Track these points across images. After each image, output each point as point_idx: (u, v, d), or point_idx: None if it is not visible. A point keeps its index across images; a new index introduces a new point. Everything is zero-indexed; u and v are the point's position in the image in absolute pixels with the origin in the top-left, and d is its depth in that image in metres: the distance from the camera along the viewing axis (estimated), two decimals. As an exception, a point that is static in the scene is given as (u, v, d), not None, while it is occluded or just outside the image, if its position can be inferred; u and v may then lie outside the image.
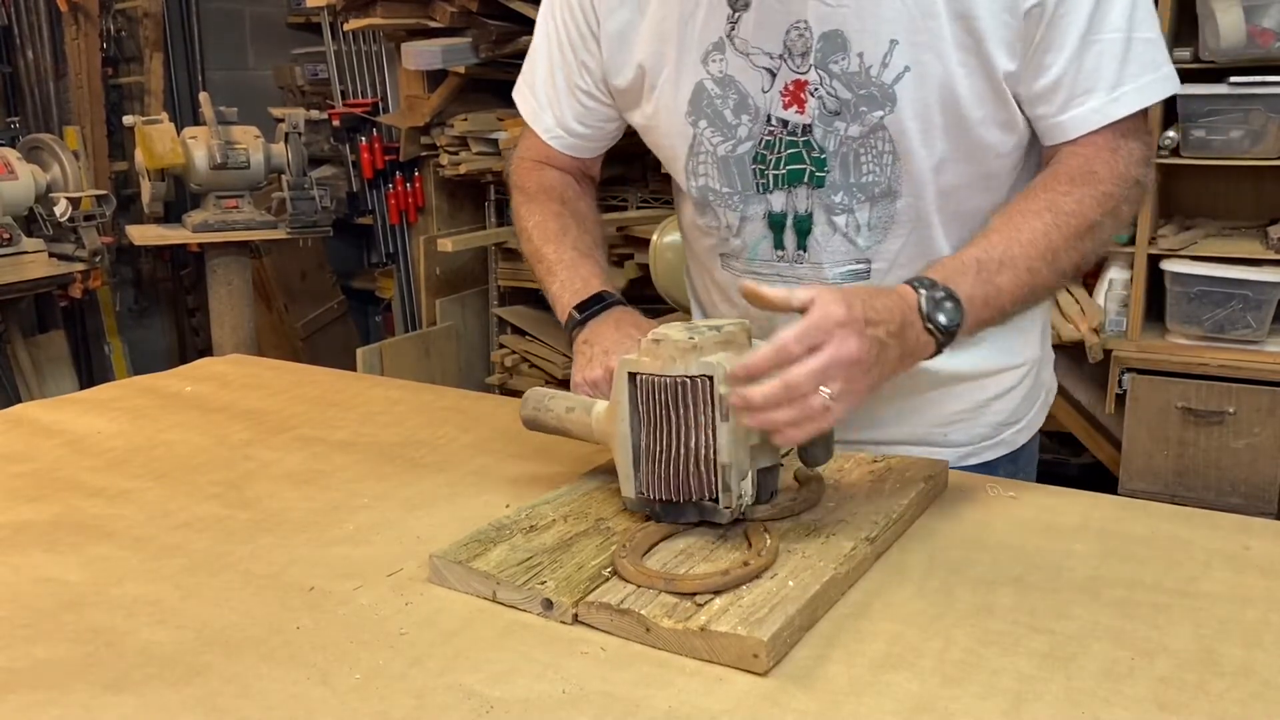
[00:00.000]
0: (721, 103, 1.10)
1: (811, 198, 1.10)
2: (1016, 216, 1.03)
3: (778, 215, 1.12)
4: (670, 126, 1.15)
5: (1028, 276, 1.00)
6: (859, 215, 1.10)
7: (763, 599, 0.80)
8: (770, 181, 1.11)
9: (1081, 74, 1.02)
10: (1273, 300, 2.59)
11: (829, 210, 1.10)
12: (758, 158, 1.10)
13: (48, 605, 0.87)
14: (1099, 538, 0.96)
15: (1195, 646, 0.78)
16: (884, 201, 1.09)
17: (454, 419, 1.34)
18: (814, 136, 1.07)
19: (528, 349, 3.54)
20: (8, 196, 3.13)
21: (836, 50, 1.03)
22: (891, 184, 1.08)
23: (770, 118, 1.08)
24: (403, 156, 3.65)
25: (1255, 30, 2.49)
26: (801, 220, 1.11)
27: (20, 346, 3.44)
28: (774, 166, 1.10)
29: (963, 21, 1.00)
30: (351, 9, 3.45)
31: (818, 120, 1.07)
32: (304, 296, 4.26)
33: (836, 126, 1.06)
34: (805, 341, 0.85)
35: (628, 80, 1.17)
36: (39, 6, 3.80)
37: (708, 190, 1.15)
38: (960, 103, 1.03)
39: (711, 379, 0.88)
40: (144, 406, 1.41)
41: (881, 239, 1.11)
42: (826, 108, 1.06)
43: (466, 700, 0.72)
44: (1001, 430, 1.23)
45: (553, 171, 1.31)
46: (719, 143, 1.12)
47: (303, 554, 0.96)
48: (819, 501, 0.98)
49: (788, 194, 1.11)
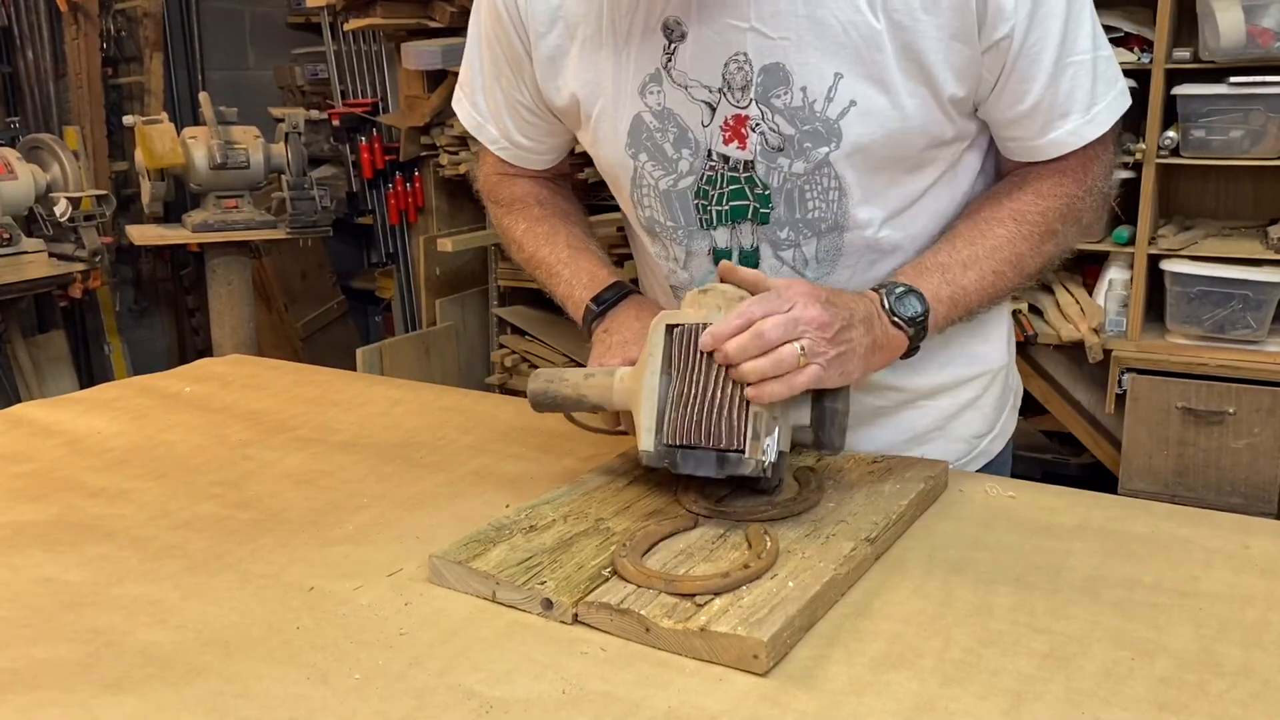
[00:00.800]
0: (661, 136, 1.06)
1: (756, 233, 1.07)
2: (981, 224, 1.05)
3: (722, 250, 1.09)
4: (611, 157, 1.10)
5: (993, 279, 1.04)
6: (805, 249, 1.07)
7: (763, 600, 0.80)
8: (714, 217, 1.07)
9: (1058, 98, 1.02)
10: (1273, 300, 2.59)
11: (775, 245, 1.07)
12: (700, 193, 1.07)
13: (48, 605, 0.87)
14: (1099, 538, 0.96)
15: (1195, 646, 0.78)
16: (831, 235, 1.06)
17: (454, 419, 1.34)
18: (756, 173, 1.04)
19: (528, 349, 3.54)
20: (8, 196, 3.13)
21: (778, 84, 1.00)
22: (838, 219, 1.05)
23: (711, 153, 1.05)
24: (403, 156, 3.65)
25: (1255, 30, 2.49)
26: (747, 256, 1.08)
27: (20, 346, 3.44)
28: (716, 202, 1.06)
29: (908, 52, 0.98)
30: (351, 9, 3.45)
31: (760, 156, 1.03)
32: (304, 296, 4.26)
33: (780, 163, 1.03)
34: (767, 304, 0.90)
35: (562, 103, 1.12)
36: (39, 6, 3.80)
37: (654, 222, 1.12)
38: (909, 133, 1.01)
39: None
40: (144, 406, 1.41)
41: (830, 270, 1.08)
42: (769, 143, 1.02)
43: (466, 700, 0.72)
44: (976, 442, 1.22)
45: (522, 180, 1.27)
46: (660, 176, 1.08)
47: (302, 554, 0.96)
48: (819, 502, 0.98)
49: (732, 229, 1.08)
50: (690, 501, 0.98)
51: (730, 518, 0.95)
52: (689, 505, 0.98)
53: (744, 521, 0.94)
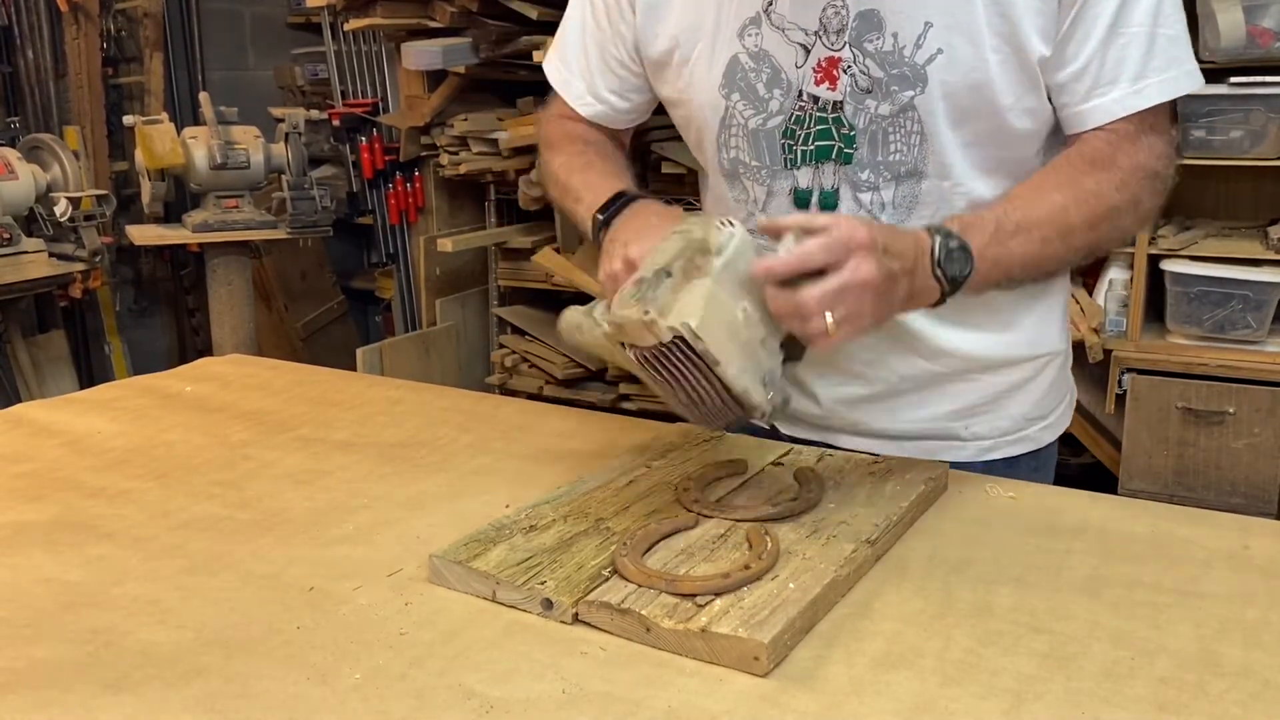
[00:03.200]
0: (755, 76, 1.11)
1: (838, 174, 1.11)
2: (1037, 189, 1.05)
3: (803, 191, 1.13)
4: (703, 99, 1.15)
5: (1039, 246, 1.03)
6: (884, 194, 1.11)
7: (763, 601, 0.80)
8: (798, 157, 1.12)
9: (1106, 65, 1.04)
10: (1273, 300, 2.59)
11: (855, 187, 1.11)
12: (787, 132, 1.11)
13: (48, 605, 0.87)
14: (1099, 538, 0.96)
15: (1195, 646, 0.78)
16: (909, 181, 1.10)
17: (454, 419, 1.34)
18: (844, 113, 1.09)
19: (528, 349, 3.53)
20: (8, 196, 3.12)
21: (871, 29, 1.05)
22: (918, 164, 1.09)
23: (802, 93, 1.10)
24: (403, 156, 3.65)
25: (1255, 30, 2.49)
26: (826, 196, 1.12)
27: (20, 346, 3.44)
28: (803, 142, 1.11)
29: (998, 7, 1.02)
30: (351, 9, 3.45)
31: (849, 97, 1.08)
32: (304, 296, 4.26)
33: (867, 104, 1.08)
34: (828, 253, 0.89)
35: (660, 51, 1.18)
36: (39, 6, 3.80)
37: (738, 163, 1.16)
38: (991, 87, 1.05)
39: (683, 338, 0.88)
40: (144, 406, 1.41)
41: (905, 218, 1.11)
42: (858, 85, 1.07)
43: (466, 700, 0.72)
44: (1025, 425, 1.22)
45: (580, 124, 1.30)
46: (750, 116, 1.13)
47: (302, 554, 0.96)
48: (819, 503, 0.98)
49: (815, 170, 1.12)
50: (690, 501, 0.98)
51: (731, 518, 0.95)
52: (689, 505, 0.98)
53: (744, 522, 0.94)
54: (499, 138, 3.33)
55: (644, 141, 3.25)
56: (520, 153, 3.29)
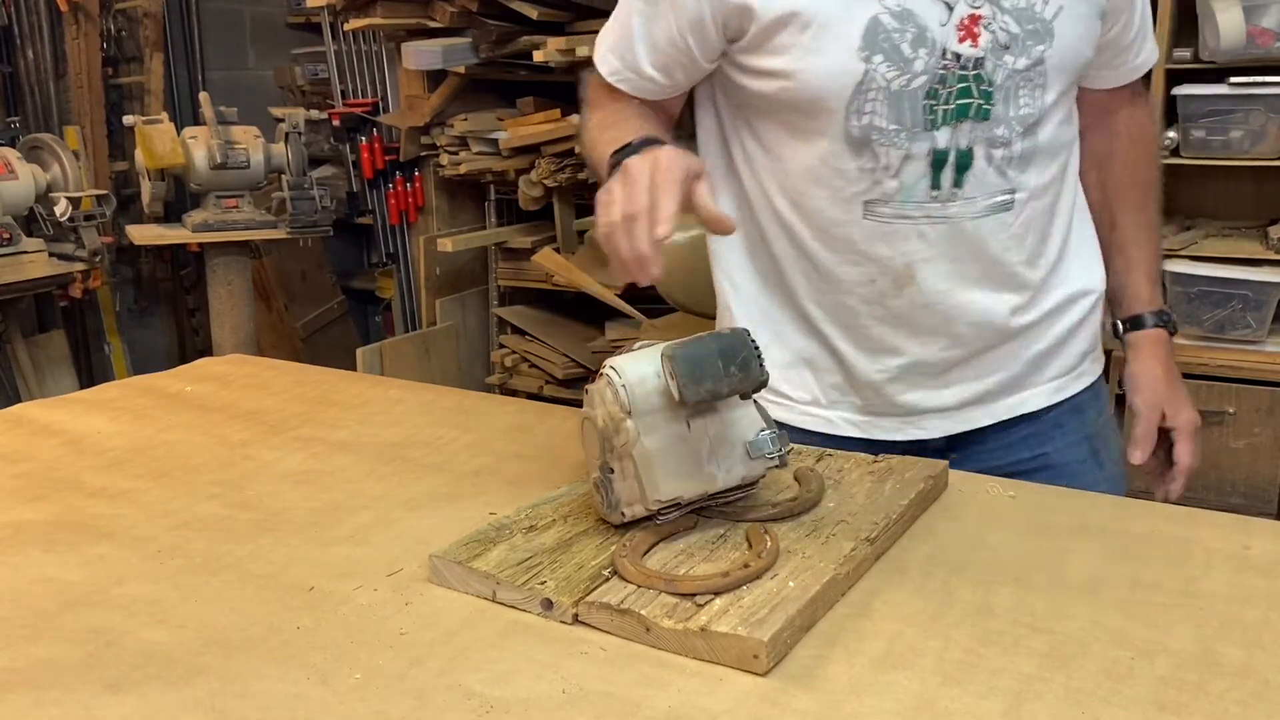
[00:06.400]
0: (899, 36, 1.09)
1: (975, 132, 1.12)
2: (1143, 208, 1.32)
3: (941, 152, 1.12)
4: (831, 63, 1.10)
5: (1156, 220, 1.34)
6: (1014, 147, 1.14)
7: (763, 599, 0.80)
8: (939, 117, 1.12)
9: (1137, 21, 1.22)
10: (1273, 300, 2.59)
11: (989, 144, 1.13)
12: (930, 93, 1.10)
13: (48, 605, 0.87)
14: (1099, 538, 0.96)
15: (1195, 646, 0.78)
16: (1030, 135, 1.15)
17: (454, 419, 1.34)
18: (984, 70, 1.10)
19: (528, 349, 3.53)
20: (8, 196, 3.12)
21: None
22: (1040, 116, 1.14)
23: (945, 51, 1.10)
24: (403, 156, 3.65)
25: (1255, 30, 2.49)
26: (963, 155, 1.13)
27: (20, 346, 3.44)
28: (944, 101, 1.11)
29: None
30: (351, 9, 3.45)
31: (989, 54, 1.10)
32: (304, 296, 4.26)
33: (1005, 60, 1.10)
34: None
35: (774, 15, 1.10)
36: (39, 6, 3.80)
37: (871, 129, 1.12)
38: (1088, 40, 1.16)
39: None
40: (144, 406, 1.41)
41: (1025, 169, 1.15)
42: (998, 41, 1.10)
43: (466, 700, 0.72)
44: (1083, 361, 1.29)
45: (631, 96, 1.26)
46: (894, 77, 1.10)
47: (302, 554, 0.96)
48: (819, 502, 0.98)
49: (953, 130, 1.12)
50: (690, 501, 0.98)
51: (730, 517, 0.95)
52: (689, 505, 0.98)
53: (744, 521, 0.94)
54: (499, 138, 3.33)
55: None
56: (520, 153, 3.29)
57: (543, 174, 3.23)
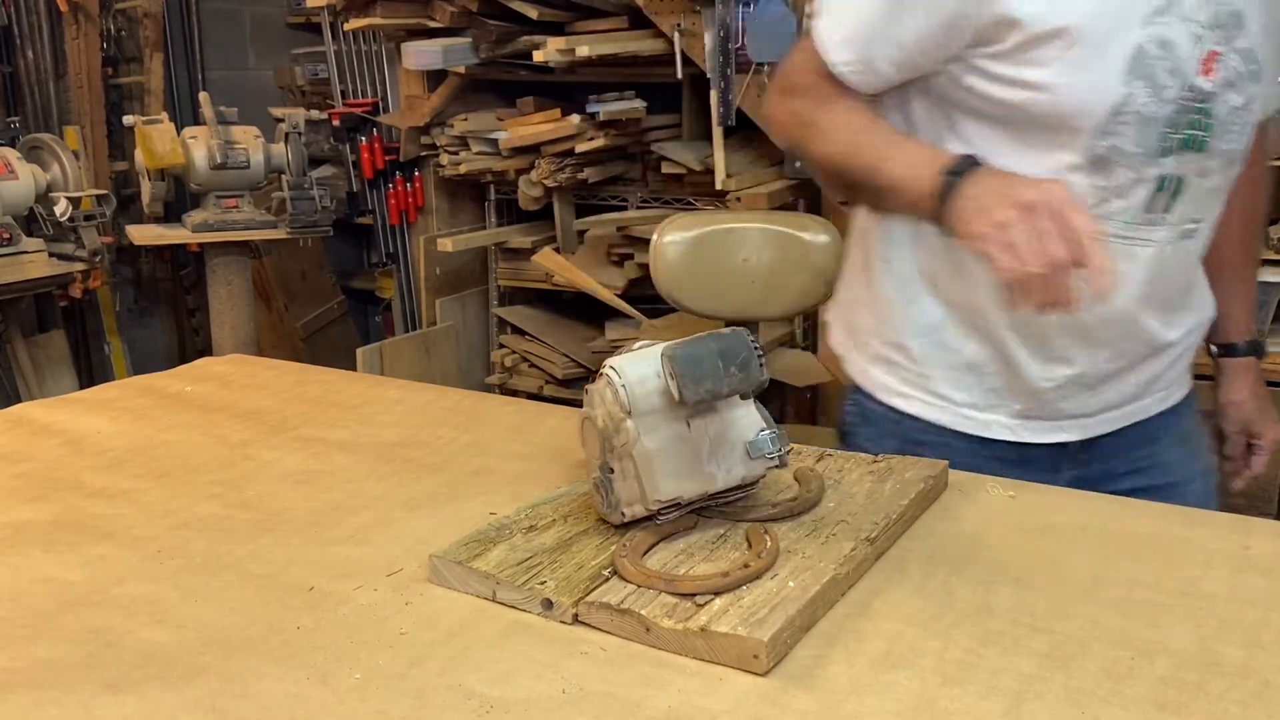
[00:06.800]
0: (1159, 65, 1.13)
1: (1192, 162, 1.17)
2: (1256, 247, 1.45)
3: (1164, 179, 1.17)
4: (1093, 82, 1.12)
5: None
6: (1215, 179, 1.20)
7: (763, 599, 0.80)
8: (1172, 145, 1.15)
9: None
10: (1273, 300, 2.59)
11: (1201, 174, 1.18)
12: (1170, 121, 1.15)
13: (48, 605, 0.87)
14: (1099, 538, 0.96)
15: (1195, 646, 0.78)
16: (1232, 168, 1.21)
17: (454, 419, 1.34)
18: (1212, 104, 1.15)
19: (528, 349, 3.53)
20: (8, 196, 3.12)
21: (1238, 28, 1.15)
22: (1242, 153, 1.21)
23: (1190, 84, 1.14)
24: (403, 156, 3.65)
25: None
26: (1178, 184, 1.18)
27: (20, 346, 3.44)
28: (1178, 130, 1.15)
29: None
30: (351, 9, 3.45)
31: (1219, 90, 1.14)
32: (304, 296, 4.26)
33: (1229, 97, 1.15)
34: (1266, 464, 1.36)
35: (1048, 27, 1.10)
36: (39, 6, 3.80)
37: (1116, 150, 1.15)
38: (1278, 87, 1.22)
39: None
40: (144, 406, 1.41)
41: (1215, 201, 1.23)
42: (1227, 79, 1.14)
43: (466, 700, 0.72)
44: (1188, 378, 1.37)
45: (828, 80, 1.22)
46: (1147, 103, 1.14)
47: (302, 554, 0.96)
48: (819, 502, 0.98)
49: (1178, 158, 1.16)
50: (690, 501, 0.98)
51: (730, 517, 0.95)
52: (689, 505, 0.98)
53: (744, 521, 0.94)
54: (499, 138, 3.33)
55: (644, 141, 3.25)
56: (520, 153, 3.29)
57: (543, 174, 3.23)
